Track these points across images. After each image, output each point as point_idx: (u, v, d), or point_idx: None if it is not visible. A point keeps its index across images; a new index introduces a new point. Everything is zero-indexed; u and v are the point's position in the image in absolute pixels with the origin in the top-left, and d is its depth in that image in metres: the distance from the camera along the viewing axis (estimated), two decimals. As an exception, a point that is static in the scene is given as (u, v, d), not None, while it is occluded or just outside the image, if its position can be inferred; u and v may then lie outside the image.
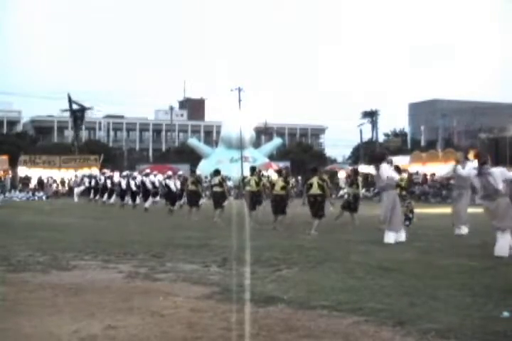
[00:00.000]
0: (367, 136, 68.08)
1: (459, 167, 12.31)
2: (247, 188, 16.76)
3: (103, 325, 4.99)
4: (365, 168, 30.10)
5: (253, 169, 17.30)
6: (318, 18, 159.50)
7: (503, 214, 9.16)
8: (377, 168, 11.59)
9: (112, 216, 19.52)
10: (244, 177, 19.62)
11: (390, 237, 11.05)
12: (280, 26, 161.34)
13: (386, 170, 11.45)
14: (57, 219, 18.01)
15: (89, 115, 68.92)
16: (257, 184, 16.44)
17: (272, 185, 15.27)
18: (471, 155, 13.22)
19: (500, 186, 9.17)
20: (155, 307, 5.61)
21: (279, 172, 16.20)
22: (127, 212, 22.14)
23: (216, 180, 17.72)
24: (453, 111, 67.56)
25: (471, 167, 11.71)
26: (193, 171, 22.33)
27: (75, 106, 47.13)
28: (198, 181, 19.24)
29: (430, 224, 15.15)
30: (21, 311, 5.51)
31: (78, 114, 46.87)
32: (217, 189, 17.51)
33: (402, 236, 11.24)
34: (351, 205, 14.84)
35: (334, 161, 65.82)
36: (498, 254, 8.97)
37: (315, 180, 13.41)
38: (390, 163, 12.25)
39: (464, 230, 12.58)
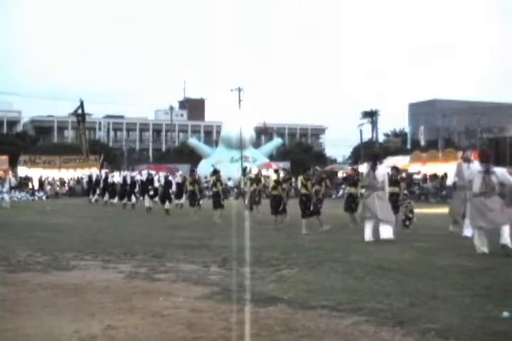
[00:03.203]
0: (367, 136, 68.16)
1: None
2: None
3: (103, 325, 4.99)
4: (365, 168, 30.06)
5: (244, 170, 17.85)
6: (318, 17, 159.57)
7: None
8: (374, 168, 11.61)
9: (112, 216, 19.51)
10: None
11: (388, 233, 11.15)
12: (280, 26, 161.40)
13: (382, 170, 11.58)
14: (57, 219, 18.01)
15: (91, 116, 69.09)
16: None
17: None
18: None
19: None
20: (155, 307, 5.60)
21: (275, 171, 16.45)
22: (127, 212, 22.14)
23: (212, 180, 17.95)
24: (453, 111, 67.59)
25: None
26: (192, 171, 22.29)
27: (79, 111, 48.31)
28: (195, 181, 19.32)
29: (430, 224, 15.13)
30: (21, 311, 5.51)
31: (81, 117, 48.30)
32: (214, 189, 17.72)
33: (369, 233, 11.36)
34: (353, 206, 14.80)
35: (334, 161, 65.84)
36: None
37: (299, 180, 13.99)
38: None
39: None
